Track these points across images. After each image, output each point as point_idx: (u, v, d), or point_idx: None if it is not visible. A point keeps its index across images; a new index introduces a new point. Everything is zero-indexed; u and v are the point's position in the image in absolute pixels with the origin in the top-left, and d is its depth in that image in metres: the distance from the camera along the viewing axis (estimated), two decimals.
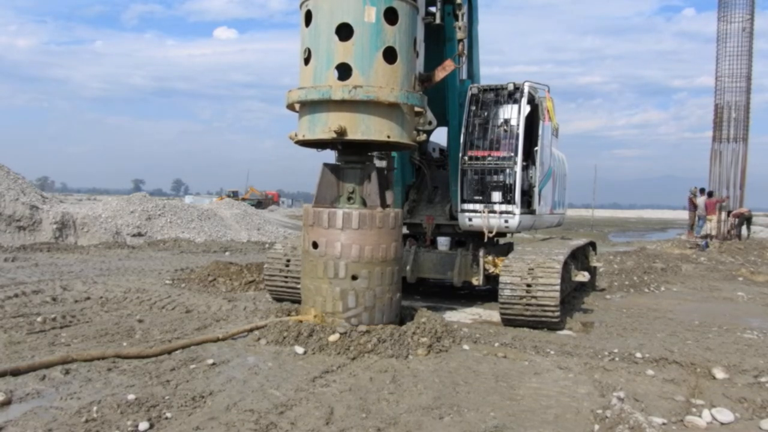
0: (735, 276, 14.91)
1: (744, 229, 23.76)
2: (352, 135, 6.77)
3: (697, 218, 24.65)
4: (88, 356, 5.71)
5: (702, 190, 24.04)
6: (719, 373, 5.96)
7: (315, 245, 6.99)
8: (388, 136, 6.84)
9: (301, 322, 6.73)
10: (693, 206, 24.83)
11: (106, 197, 35.61)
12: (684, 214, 31.26)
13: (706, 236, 22.56)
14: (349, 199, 7.22)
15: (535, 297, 7.70)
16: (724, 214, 23.39)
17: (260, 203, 62.59)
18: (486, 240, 9.42)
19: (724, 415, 4.81)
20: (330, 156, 7.58)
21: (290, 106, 7.31)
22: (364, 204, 7.17)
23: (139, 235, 20.37)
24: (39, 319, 7.28)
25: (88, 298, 8.95)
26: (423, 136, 7.48)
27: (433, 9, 8.76)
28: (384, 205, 7.18)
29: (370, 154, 7.49)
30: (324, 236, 6.91)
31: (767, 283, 13.94)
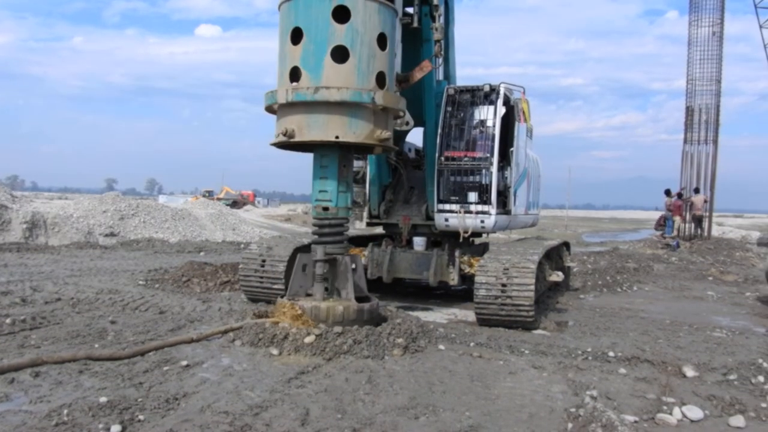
0: (705, 276, 15.21)
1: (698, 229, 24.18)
2: (300, 137, 6.71)
3: (666, 219, 25.04)
4: (58, 358, 5.61)
5: (668, 191, 24.26)
6: (689, 372, 6.07)
7: None
8: (337, 137, 6.64)
9: (276, 324, 6.69)
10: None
11: (77, 196, 35.05)
12: (655, 215, 31.77)
13: (675, 236, 22.95)
14: (326, 288, 7.13)
15: (510, 297, 7.75)
16: (688, 215, 23.80)
17: (235, 203, 62.10)
18: (462, 240, 9.47)
19: (694, 412, 4.90)
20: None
21: (268, 109, 7.33)
22: (339, 294, 7.12)
23: (112, 235, 20.07)
24: (8, 320, 7.11)
25: (59, 299, 8.79)
26: (386, 134, 6.93)
27: (410, 10, 8.77)
28: (359, 297, 7.09)
29: (339, 244, 7.21)
30: None
31: (736, 283, 14.25)
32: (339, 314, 6.71)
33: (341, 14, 6.55)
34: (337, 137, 6.64)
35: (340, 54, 6.57)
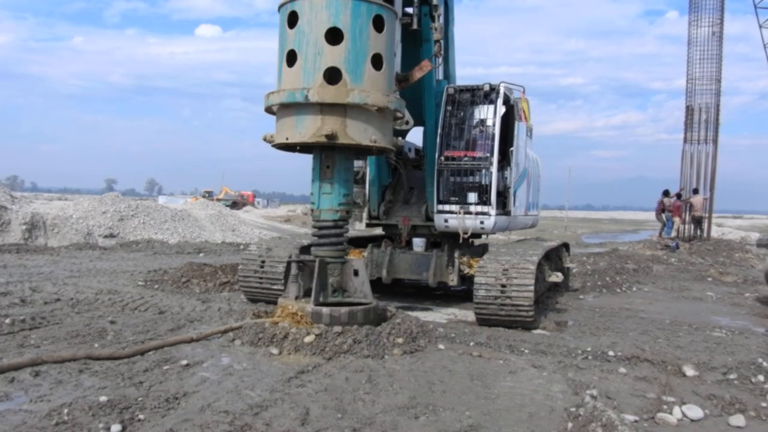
0: (704, 276, 15.21)
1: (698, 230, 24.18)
2: (275, 140, 7.10)
3: (666, 219, 25.05)
4: (58, 358, 5.61)
5: (666, 192, 24.24)
6: (689, 371, 6.07)
7: None
8: (287, 138, 6.86)
9: (276, 323, 6.70)
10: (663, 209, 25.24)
11: (77, 197, 35.04)
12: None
13: (675, 237, 22.96)
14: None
15: (509, 297, 7.75)
16: (687, 216, 23.81)
17: (235, 204, 62.09)
18: (461, 241, 9.47)
19: (694, 411, 4.90)
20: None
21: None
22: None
23: (111, 236, 20.07)
24: (7, 320, 7.12)
25: (59, 300, 8.79)
26: (329, 130, 6.55)
27: (410, 10, 8.78)
28: (359, 302, 7.08)
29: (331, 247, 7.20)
30: None
31: (735, 284, 14.25)
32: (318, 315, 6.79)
33: (294, 19, 6.70)
34: (287, 138, 6.88)
35: (292, 58, 6.75)
